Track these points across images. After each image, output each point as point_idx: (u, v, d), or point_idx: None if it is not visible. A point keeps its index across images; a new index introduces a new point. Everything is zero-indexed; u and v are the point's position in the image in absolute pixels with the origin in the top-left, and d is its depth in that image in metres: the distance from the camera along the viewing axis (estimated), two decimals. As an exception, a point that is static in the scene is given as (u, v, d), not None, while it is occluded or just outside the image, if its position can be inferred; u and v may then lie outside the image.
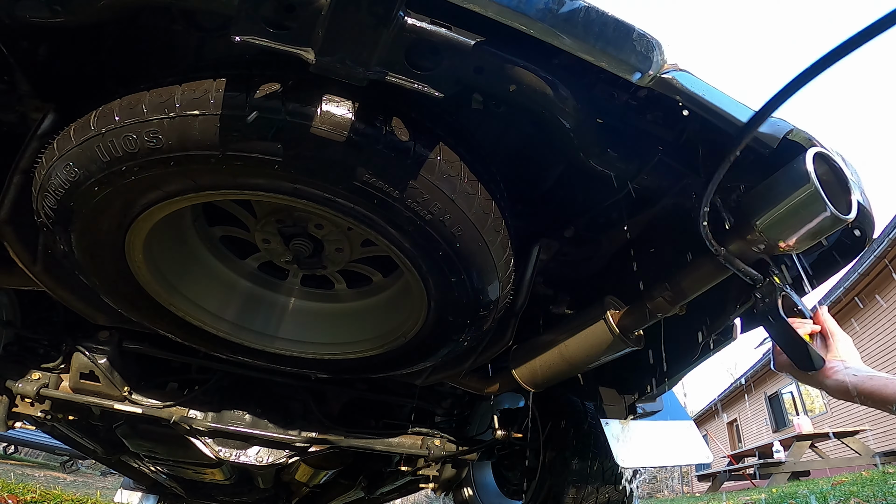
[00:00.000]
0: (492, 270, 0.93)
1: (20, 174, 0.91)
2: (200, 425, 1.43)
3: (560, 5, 0.69)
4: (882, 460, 7.03)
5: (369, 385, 1.67)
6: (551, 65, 0.77)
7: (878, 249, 8.24)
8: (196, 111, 0.72)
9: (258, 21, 0.61)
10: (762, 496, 4.07)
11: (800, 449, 7.82)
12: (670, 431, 1.70)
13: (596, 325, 1.15)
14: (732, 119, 0.80)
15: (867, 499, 2.67)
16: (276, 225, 1.04)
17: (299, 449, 1.51)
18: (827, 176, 0.81)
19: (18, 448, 9.23)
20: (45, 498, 2.93)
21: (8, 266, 1.09)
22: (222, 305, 1.19)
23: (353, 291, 1.28)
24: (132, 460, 2.19)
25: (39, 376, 1.41)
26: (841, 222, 0.78)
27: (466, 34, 0.68)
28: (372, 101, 0.75)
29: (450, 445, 1.71)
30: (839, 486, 3.53)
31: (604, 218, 1.20)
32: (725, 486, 9.87)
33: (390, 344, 1.17)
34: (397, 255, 0.92)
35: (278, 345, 1.23)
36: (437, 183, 0.80)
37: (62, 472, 8.59)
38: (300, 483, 2.09)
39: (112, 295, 1.07)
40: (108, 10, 0.72)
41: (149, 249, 0.98)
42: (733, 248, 0.89)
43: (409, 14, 0.64)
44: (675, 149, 0.93)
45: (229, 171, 0.78)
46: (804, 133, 0.84)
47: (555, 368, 1.25)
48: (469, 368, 1.35)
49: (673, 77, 0.76)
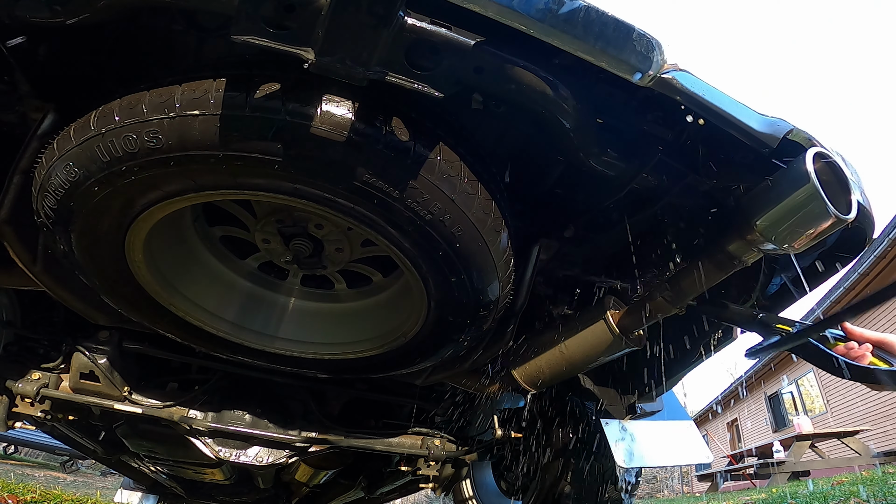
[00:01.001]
0: (492, 270, 0.93)
1: (20, 174, 0.91)
2: (200, 425, 1.43)
3: (560, 5, 0.69)
4: (882, 460, 7.03)
5: (369, 385, 1.67)
6: (551, 65, 0.77)
7: (878, 249, 8.23)
8: (196, 111, 0.72)
9: (258, 21, 0.61)
10: (762, 496, 4.07)
11: (800, 449, 7.82)
12: (670, 431, 1.70)
13: (596, 325, 1.15)
14: (733, 120, 0.80)
15: (867, 499, 2.67)
16: (276, 225, 1.04)
17: (299, 449, 1.51)
18: (827, 176, 0.81)
19: (18, 448, 9.22)
20: (45, 498, 2.93)
21: (8, 266, 1.09)
22: (222, 305, 1.19)
23: (353, 291, 1.28)
24: (132, 460, 2.19)
25: (39, 376, 1.41)
26: (841, 222, 0.78)
27: (466, 34, 0.68)
28: (372, 101, 0.75)
29: (450, 445, 1.71)
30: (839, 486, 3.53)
31: (604, 218, 1.20)
32: (725, 486, 9.88)
33: (390, 344, 1.17)
34: (397, 255, 0.92)
35: (278, 345, 1.23)
36: (437, 183, 0.80)
37: (62, 472, 8.59)
38: (300, 483, 2.09)
39: (112, 295, 1.07)
40: (108, 10, 0.72)
41: (149, 249, 0.98)
42: (733, 248, 0.89)
43: (409, 14, 0.64)
44: (676, 149, 0.93)
45: (229, 171, 0.78)
46: (804, 133, 0.84)
47: (555, 368, 1.25)
48: (469, 368, 1.35)
49: (673, 77, 0.76)
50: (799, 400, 13.54)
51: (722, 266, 0.93)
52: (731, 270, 0.94)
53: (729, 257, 0.91)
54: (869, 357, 0.85)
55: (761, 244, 0.86)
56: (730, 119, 0.80)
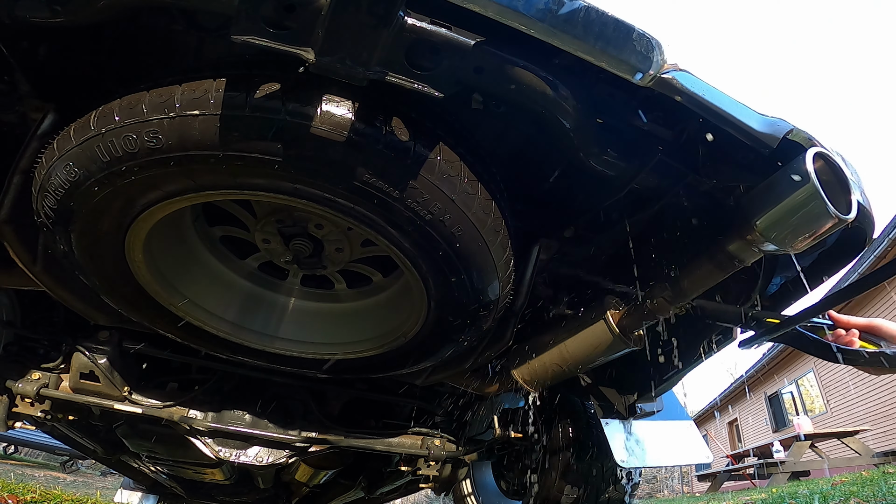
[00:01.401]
0: (492, 270, 0.93)
1: (20, 174, 0.91)
2: (200, 425, 1.43)
3: (560, 5, 0.69)
4: (882, 460, 7.03)
5: (369, 385, 1.67)
6: (551, 65, 0.77)
7: (878, 249, 8.24)
8: (196, 111, 0.72)
9: (258, 21, 0.61)
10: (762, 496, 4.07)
11: (800, 449, 7.82)
12: (670, 431, 1.70)
13: (596, 325, 1.15)
14: (734, 120, 0.80)
15: (867, 499, 2.67)
16: (276, 225, 1.04)
17: (299, 449, 1.51)
18: (827, 176, 0.81)
19: (18, 448, 9.23)
20: (45, 498, 2.93)
21: (8, 266, 1.09)
22: (222, 305, 1.19)
23: (353, 291, 1.28)
24: (132, 460, 2.19)
25: (39, 376, 1.41)
26: (841, 222, 0.78)
27: (466, 34, 0.68)
28: (372, 101, 0.75)
29: (450, 445, 1.71)
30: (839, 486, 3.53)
31: (604, 218, 1.20)
32: (725, 486, 9.88)
33: (390, 344, 1.17)
34: (397, 255, 0.92)
35: (278, 345, 1.23)
36: (437, 183, 0.80)
37: (62, 472, 8.59)
38: (300, 483, 2.09)
39: (112, 295, 1.07)
40: (108, 10, 0.72)
41: (149, 249, 0.98)
42: (733, 248, 0.89)
43: (409, 14, 0.64)
44: (676, 149, 0.93)
45: (229, 171, 0.78)
46: (804, 133, 0.84)
47: (555, 368, 1.25)
48: (469, 368, 1.35)
49: (673, 77, 0.76)
50: (799, 400, 13.54)
51: (722, 266, 0.93)
52: (731, 270, 0.94)
53: (729, 257, 0.91)
54: (858, 343, 0.87)
55: (761, 244, 0.86)
56: (730, 119, 0.80)
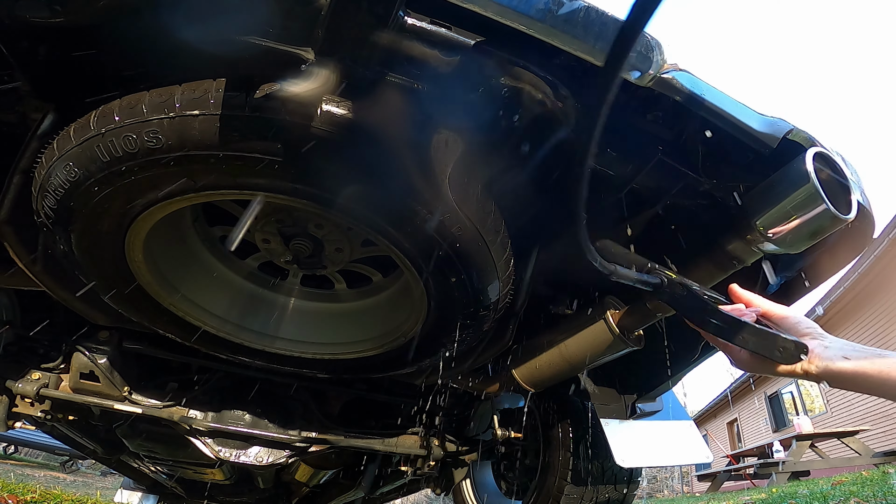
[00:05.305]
0: (492, 270, 0.93)
1: (20, 174, 0.91)
2: (200, 425, 1.43)
3: (560, 5, 0.69)
4: (882, 460, 7.02)
5: (369, 385, 1.67)
6: (551, 64, 0.77)
7: (878, 249, 8.23)
8: (196, 111, 0.72)
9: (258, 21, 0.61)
10: (762, 496, 4.07)
11: (800, 449, 7.82)
12: (670, 431, 1.70)
13: (596, 325, 1.15)
14: (733, 120, 0.80)
15: (867, 499, 2.67)
16: (276, 225, 1.04)
17: (299, 449, 1.51)
18: (827, 175, 0.81)
19: (18, 448, 9.23)
20: (45, 498, 2.93)
21: (8, 266, 1.09)
22: (222, 305, 1.19)
23: (353, 291, 1.28)
24: (132, 460, 2.19)
25: (39, 376, 1.41)
26: (841, 222, 0.78)
27: (466, 34, 0.68)
28: (372, 101, 0.75)
29: (450, 445, 1.71)
30: (839, 486, 3.53)
31: (603, 218, 1.19)
32: (725, 486, 9.87)
33: (390, 344, 1.17)
34: (397, 255, 0.92)
35: (278, 345, 1.23)
36: (437, 182, 0.80)
37: (62, 472, 8.59)
38: (300, 483, 2.09)
39: (112, 295, 1.07)
40: (108, 9, 0.72)
41: (149, 249, 0.98)
42: (733, 248, 0.89)
43: (409, 14, 0.64)
44: (675, 149, 0.93)
45: (229, 171, 0.78)
46: (804, 133, 0.84)
47: (555, 368, 1.25)
48: (469, 368, 1.35)
49: (673, 77, 0.76)
50: (799, 400, 13.53)
51: (722, 266, 0.93)
52: (731, 270, 0.94)
53: (729, 257, 0.91)
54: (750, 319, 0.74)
55: (761, 244, 0.86)
56: (730, 119, 0.80)
